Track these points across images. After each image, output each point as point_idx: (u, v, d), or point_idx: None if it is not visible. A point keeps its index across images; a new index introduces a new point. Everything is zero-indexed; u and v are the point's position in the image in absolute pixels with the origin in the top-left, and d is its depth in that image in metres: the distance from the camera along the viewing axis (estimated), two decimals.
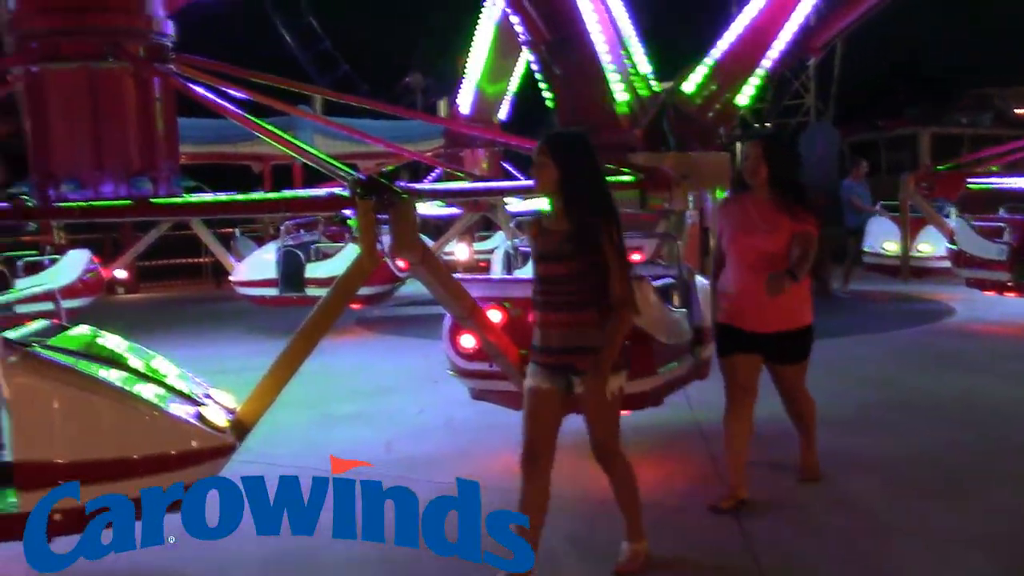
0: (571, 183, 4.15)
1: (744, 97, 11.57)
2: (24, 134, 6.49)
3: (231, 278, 13.95)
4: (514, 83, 16.73)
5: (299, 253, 13.08)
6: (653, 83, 11.39)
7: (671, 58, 12.39)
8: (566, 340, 4.18)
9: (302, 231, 14.62)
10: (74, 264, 13.99)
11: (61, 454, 3.89)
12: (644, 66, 11.32)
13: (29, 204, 6.15)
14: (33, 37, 6.19)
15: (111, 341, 4.85)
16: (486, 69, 16.47)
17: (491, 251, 16.36)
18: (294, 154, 6.14)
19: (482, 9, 16.42)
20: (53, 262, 14.00)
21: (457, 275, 6.18)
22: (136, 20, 6.35)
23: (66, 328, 4.76)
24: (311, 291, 12.46)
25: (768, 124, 24.24)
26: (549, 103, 11.52)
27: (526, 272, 10.23)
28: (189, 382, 4.74)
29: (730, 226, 5.24)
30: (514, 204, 12.98)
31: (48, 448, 3.82)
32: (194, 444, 4.16)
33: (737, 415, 5.31)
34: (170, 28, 6.56)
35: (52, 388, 3.96)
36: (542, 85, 11.51)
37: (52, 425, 3.91)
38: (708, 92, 11.36)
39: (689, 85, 11.36)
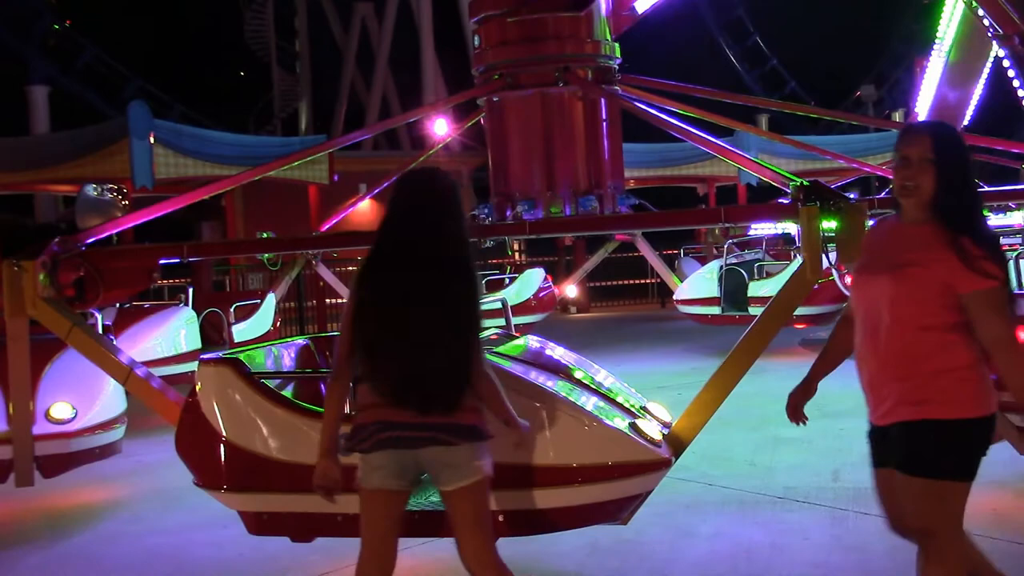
0: None
1: None
2: (487, 163, 7.00)
3: (675, 297, 14.12)
4: (979, 85, 15.23)
5: (742, 271, 12.91)
6: None
7: None
8: None
9: (745, 251, 14.44)
10: (529, 282, 15.01)
11: (507, 458, 4.04)
12: None
13: (485, 222, 6.59)
14: (495, 69, 6.66)
15: (556, 351, 5.02)
16: (947, 72, 15.16)
17: None
18: (736, 164, 6.00)
19: (942, 9, 15.16)
20: (512, 280, 15.13)
21: None
22: (585, 46, 6.60)
23: (515, 338, 5.00)
24: (754, 310, 12.21)
25: None
26: None
27: None
28: (627, 395, 4.75)
29: (858, 265, 3.46)
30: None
31: (495, 451, 3.99)
32: (630, 456, 4.13)
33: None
34: (616, 51, 6.73)
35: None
36: (1015, 83, 10.32)
37: (499, 429, 4.07)
38: None
39: None
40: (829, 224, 4.32)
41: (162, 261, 5.74)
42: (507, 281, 15.22)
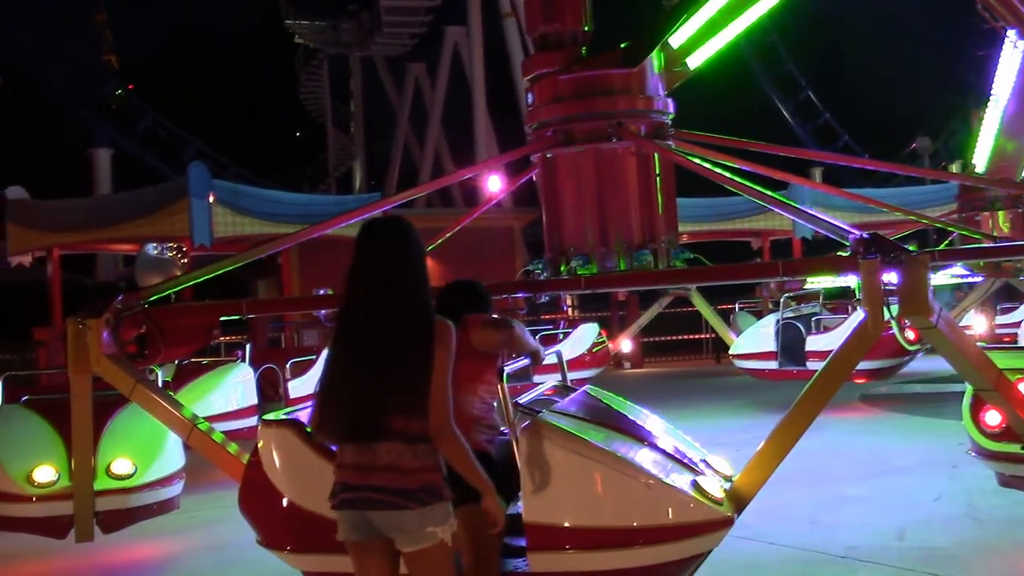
0: None
1: None
2: (540, 218, 7.02)
3: (730, 352, 13.98)
4: None
5: (799, 326, 12.75)
6: None
7: None
8: None
9: (802, 304, 14.27)
10: (584, 337, 14.95)
11: (566, 519, 3.98)
12: None
13: (541, 277, 6.59)
14: (548, 126, 6.70)
15: (614, 403, 4.96)
16: (1003, 122, 14.97)
17: (1017, 324, 14.67)
18: (791, 216, 5.95)
19: (997, 59, 15.03)
20: (566, 335, 15.08)
21: (981, 343, 5.52)
22: (637, 101, 6.61)
23: (573, 389, 4.96)
24: (812, 364, 12.04)
25: None
26: None
27: None
28: (687, 446, 4.66)
29: None
30: None
31: (554, 512, 3.93)
32: (691, 516, 4.04)
33: None
34: (670, 106, 6.74)
35: (559, 454, 4.07)
36: None
37: (558, 490, 4.02)
38: None
39: None
40: (890, 277, 4.25)
41: (221, 318, 5.80)
42: (561, 336, 15.18)
